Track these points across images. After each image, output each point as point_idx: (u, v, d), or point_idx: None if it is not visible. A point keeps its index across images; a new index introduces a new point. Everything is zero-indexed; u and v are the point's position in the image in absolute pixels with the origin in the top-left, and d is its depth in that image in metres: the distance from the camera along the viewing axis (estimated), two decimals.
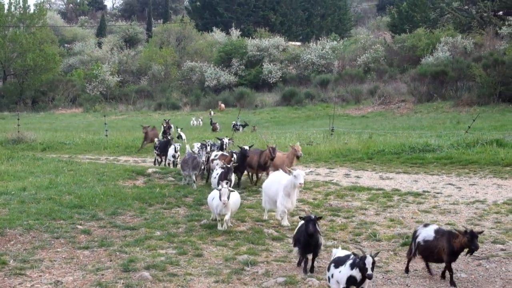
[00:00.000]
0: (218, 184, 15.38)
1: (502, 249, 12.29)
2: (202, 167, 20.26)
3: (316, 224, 11.07)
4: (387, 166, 23.61)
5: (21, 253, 11.97)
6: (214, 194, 13.97)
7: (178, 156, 23.28)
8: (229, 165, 17.06)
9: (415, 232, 11.18)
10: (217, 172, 17.14)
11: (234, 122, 43.93)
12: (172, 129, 37.48)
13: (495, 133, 30.17)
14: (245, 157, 18.82)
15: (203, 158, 19.86)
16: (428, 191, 18.18)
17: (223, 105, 56.80)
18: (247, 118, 50.91)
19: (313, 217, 11.05)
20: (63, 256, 11.95)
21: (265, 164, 19.35)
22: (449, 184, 19.38)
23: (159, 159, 25.58)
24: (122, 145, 32.98)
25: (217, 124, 44.35)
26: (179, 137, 34.07)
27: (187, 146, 21.57)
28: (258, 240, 13.12)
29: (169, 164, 23.90)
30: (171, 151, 23.79)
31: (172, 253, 12.19)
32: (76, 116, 66.00)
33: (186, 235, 13.48)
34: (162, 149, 25.24)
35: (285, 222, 14.30)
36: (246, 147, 19.00)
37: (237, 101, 65.07)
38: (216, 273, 11.11)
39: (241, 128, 42.11)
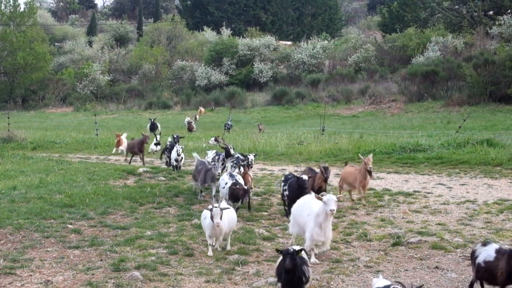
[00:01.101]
0: (237, 198, 14.99)
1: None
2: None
3: (298, 258, 9.64)
4: (378, 166, 23.60)
5: (11, 253, 11.94)
6: (206, 213, 12.50)
7: (182, 158, 21.84)
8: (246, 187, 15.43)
9: (474, 252, 10.10)
10: (225, 181, 15.68)
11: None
12: (159, 129, 37.59)
13: (485, 133, 30.25)
14: (303, 190, 14.44)
15: (219, 171, 17.96)
16: (418, 191, 18.21)
17: (202, 109, 55.55)
18: (238, 118, 50.90)
19: (291, 250, 9.65)
20: (54, 255, 11.93)
21: (319, 189, 15.18)
22: (440, 184, 19.42)
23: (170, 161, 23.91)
24: (113, 144, 32.87)
25: (193, 123, 42.88)
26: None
27: (195, 154, 19.49)
28: (249, 240, 13.12)
29: (173, 167, 22.13)
30: (173, 154, 21.98)
31: (162, 253, 12.19)
32: (66, 115, 65.89)
33: (177, 235, 13.47)
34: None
35: (313, 259, 12.01)
36: (305, 177, 14.91)
37: (228, 101, 65.03)
38: (207, 273, 11.11)
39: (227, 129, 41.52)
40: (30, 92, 77.55)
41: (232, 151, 18.77)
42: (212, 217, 11.96)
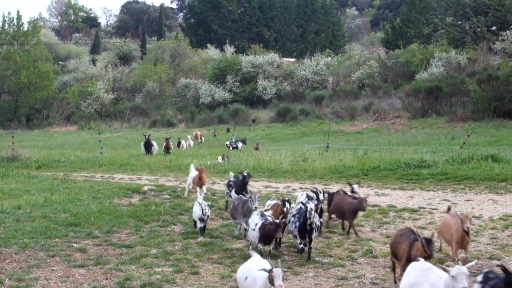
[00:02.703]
0: (269, 239, 12.72)
1: (498, 265, 12.22)
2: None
3: None
4: (383, 182, 23.57)
5: (17, 272, 11.92)
6: (247, 271, 9.83)
7: (207, 218, 15.26)
8: (277, 220, 12.91)
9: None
10: (255, 222, 12.99)
11: (228, 141, 42.19)
12: (155, 148, 37.40)
13: (490, 148, 30.20)
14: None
15: (256, 204, 14.24)
16: (424, 207, 18.16)
17: (198, 133, 53.10)
18: (242, 135, 50.92)
19: None
20: (59, 274, 11.90)
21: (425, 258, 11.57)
22: (445, 200, 19.35)
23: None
24: (117, 162, 32.89)
25: (171, 142, 39.21)
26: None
27: (232, 194, 16.47)
28: None
29: (200, 229, 15.30)
30: (197, 210, 15.16)
31: (168, 271, 12.15)
32: (70, 133, 66.01)
33: (182, 253, 13.44)
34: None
35: None
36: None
37: (232, 118, 65.09)
38: None
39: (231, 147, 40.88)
40: (34, 111, 77.79)
41: (321, 196, 15.58)
42: (271, 280, 9.18)
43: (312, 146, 38.24)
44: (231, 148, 39.08)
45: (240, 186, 17.36)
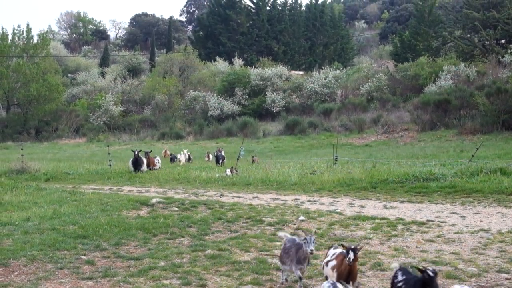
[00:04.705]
0: None
1: (507, 278, 12.22)
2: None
3: None
4: (391, 195, 23.54)
5: (25, 284, 11.92)
6: None
7: None
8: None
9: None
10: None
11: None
12: (144, 167, 34.88)
13: (499, 161, 30.14)
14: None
15: (312, 247, 11.47)
16: (432, 220, 18.11)
17: (168, 152, 48.97)
18: (251, 147, 50.93)
19: None
20: (67, 287, 11.90)
21: None
22: (453, 213, 19.32)
23: None
24: (126, 175, 32.96)
25: (157, 158, 37.33)
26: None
27: (282, 234, 13.47)
28: (262, 270, 13.04)
29: None
30: None
31: (176, 284, 12.14)
32: (79, 146, 66.17)
33: (190, 265, 13.42)
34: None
35: None
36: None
37: (240, 131, 65.14)
38: None
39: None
40: (43, 124, 78.03)
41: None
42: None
43: (320, 159, 38.24)
44: (238, 159, 38.96)
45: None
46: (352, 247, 10.54)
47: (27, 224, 17.16)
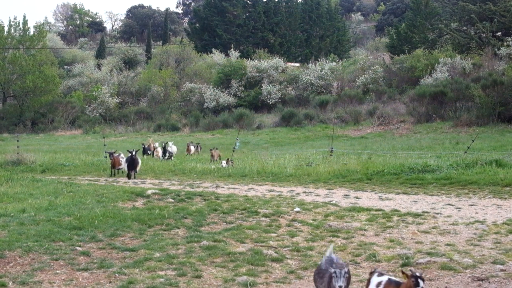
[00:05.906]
0: None
1: (502, 270, 12.23)
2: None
3: None
4: (387, 187, 23.58)
5: (20, 275, 11.93)
6: None
7: None
8: None
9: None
10: None
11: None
12: (139, 164, 33.51)
13: (494, 153, 30.21)
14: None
15: (340, 283, 9.37)
16: (427, 212, 18.13)
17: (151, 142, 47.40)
18: (247, 139, 50.93)
19: None
20: (63, 278, 11.91)
21: None
22: (449, 204, 19.35)
23: None
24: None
25: (121, 155, 31.26)
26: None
27: (329, 251, 10.89)
28: (257, 261, 13.05)
29: None
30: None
31: (171, 275, 12.15)
32: (75, 137, 66.08)
33: (185, 257, 13.43)
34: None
35: None
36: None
37: (236, 122, 65.10)
38: None
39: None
40: (39, 115, 77.87)
41: None
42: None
43: (316, 151, 38.28)
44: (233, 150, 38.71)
45: None
46: (418, 274, 8.72)
47: (23, 215, 17.14)
